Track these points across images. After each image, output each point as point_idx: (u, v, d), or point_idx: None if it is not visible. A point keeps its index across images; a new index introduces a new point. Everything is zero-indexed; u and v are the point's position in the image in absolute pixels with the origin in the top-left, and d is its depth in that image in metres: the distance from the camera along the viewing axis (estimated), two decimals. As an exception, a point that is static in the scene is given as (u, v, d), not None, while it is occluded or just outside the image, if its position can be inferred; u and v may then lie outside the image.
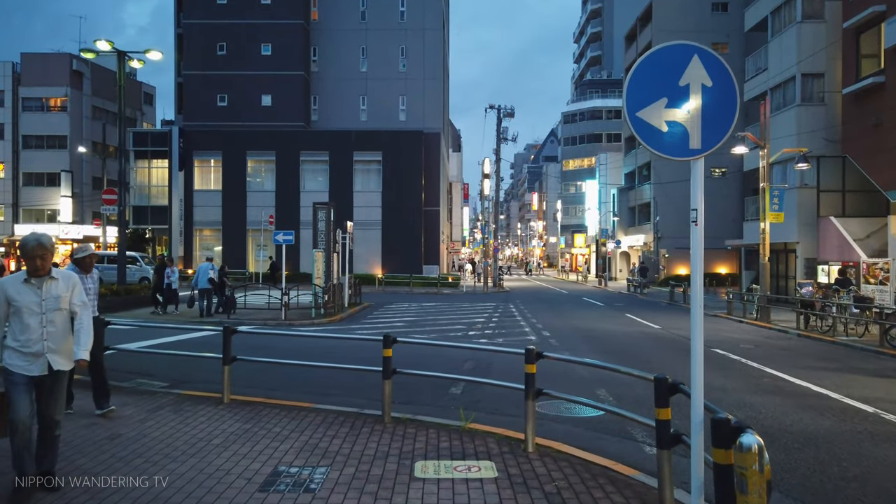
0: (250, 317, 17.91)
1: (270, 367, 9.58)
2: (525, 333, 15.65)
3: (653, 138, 3.76)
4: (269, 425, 6.28)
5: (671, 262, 43.19)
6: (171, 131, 40.29)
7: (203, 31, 42.14)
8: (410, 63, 43.77)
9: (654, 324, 18.79)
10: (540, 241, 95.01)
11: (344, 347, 12.44)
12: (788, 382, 9.66)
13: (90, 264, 6.73)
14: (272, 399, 7.48)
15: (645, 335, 15.94)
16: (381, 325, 17.35)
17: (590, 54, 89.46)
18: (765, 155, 20.09)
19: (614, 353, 12.61)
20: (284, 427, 6.22)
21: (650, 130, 3.75)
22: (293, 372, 9.20)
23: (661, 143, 3.75)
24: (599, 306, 25.91)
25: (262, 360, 7.89)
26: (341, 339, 12.74)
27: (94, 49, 21.53)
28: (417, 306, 24.33)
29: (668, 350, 13.26)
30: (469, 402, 7.83)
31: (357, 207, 39.76)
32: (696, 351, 3.89)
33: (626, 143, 53.83)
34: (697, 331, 3.87)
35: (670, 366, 11.08)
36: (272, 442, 5.71)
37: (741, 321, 20.08)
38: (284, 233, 18.42)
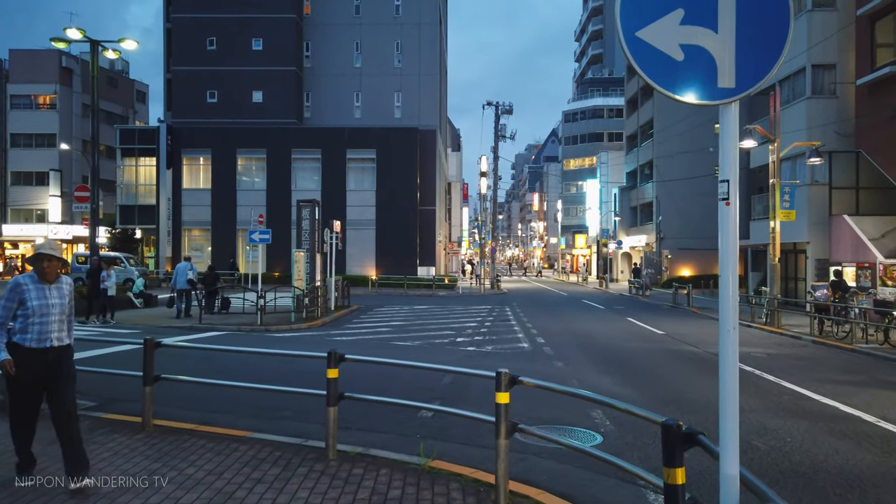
0: (224, 321, 16.73)
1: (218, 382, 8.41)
2: (518, 340, 14.45)
3: (661, 71, 2.51)
4: (183, 464, 5.08)
5: (674, 263, 41.97)
6: (159, 128, 39.11)
7: (192, 25, 41.00)
8: (406, 58, 42.61)
9: (658, 329, 17.57)
10: (541, 241, 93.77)
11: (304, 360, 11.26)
12: (812, 401, 8.45)
13: (49, 272, 4.49)
14: (205, 425, 6.28)
15: (648, 342, 14.73)
16: (365, 330, 16.16)
17: (591, 52, 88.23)
18: (775, 149, 18.87)
19: (614, 363, 11.40)
20: (202, 467, 5.02)
21: (657, 59, 2.51)
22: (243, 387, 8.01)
23: (673, 79, 2.51)
24: (599, 309, 24.69)
25: (188, 379, 6.62)
26: (283, 355, 11.55)
27: (66, 38, 20.32)
28: (408, 309, 23.15)
29: (673, 360, 12.05)
30: (440, 427, 6.64)
31: (350, 206, 38.59)
32: (727, 391, 2.64)
33: (628, 142, 52.62)
34: (730, 359, 2.63)
35: (677, 381, 9.87)
36: (176, 490, 4.51)
37: (749, 326, 18.86)
38: (261, 231, 17.24)
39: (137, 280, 21.37)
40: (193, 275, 18.29)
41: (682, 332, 16.73)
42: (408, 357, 11.57)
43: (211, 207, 38.93)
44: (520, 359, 11.68)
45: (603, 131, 75.05)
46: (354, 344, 13.39)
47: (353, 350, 12.44)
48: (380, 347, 12.90)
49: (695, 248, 42.04)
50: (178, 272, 18.04)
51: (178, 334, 14.35)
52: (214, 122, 40.21)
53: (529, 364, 11.07)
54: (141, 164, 39.83)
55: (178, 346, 5.97)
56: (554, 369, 10.53)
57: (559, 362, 11.28)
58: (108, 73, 56.17)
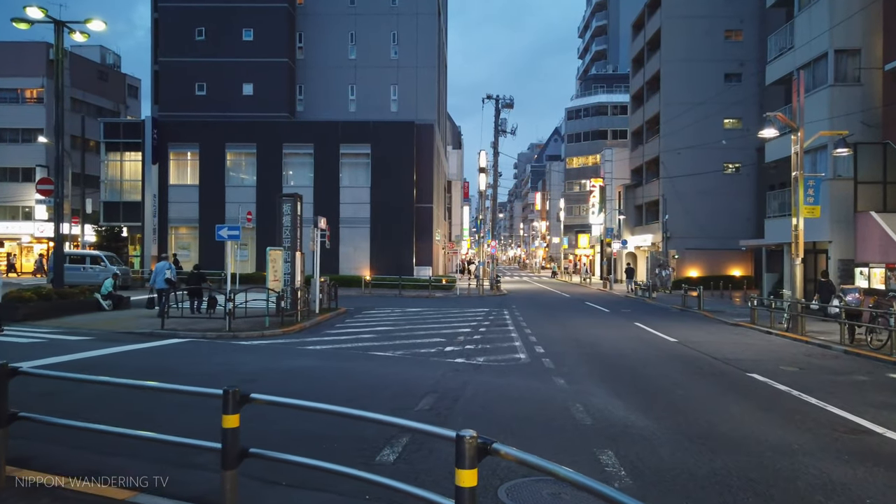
0: (189, 327, 15.13)
1: (111, 399, 6.82)
2: (514, 350, 12.82)
3: None
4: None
5: (681, 264, 40.27)
6: (144, 121, 37.52)
7: (180, 14, 39.38)
8: (403, 50, 40.96)
9: (669, 336, 15.93)
10: (543, 241, 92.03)
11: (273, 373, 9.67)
12: (875, 435, 6.79)
13: None
14: (78, 479, 4.66)
15: (660, 351, 13.09)
16: (345, 337, 14.54)
17: (595, 48, 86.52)
18: (798, 139, 17.21)
19: (624, 380, 9.77)
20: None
21: None
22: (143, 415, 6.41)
23: None
24: (604, 313, 23.06)
25: (52, 421, 4.86)
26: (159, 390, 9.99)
27: (27, 18, 18.79)
28: (400, 312, 21.56)
29: (692, 375, 10.41)
30: (404, 476, 5.02)
31: (344, 204, 37.00)
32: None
33: (633, 138, 50.94)
34: None
35: (702, 405, 8.24)
36: None
37: (769, 332, 17.22)
38: (229, 227, 15.62)
39: (106, 281, 19.81)
40: (171, 274, 17.61)
41: (696, 340, 15.09)
42: (386, 371, 9.98)
43: (199, 204, 37.34)
44: (515, 373, 10.07)
45: (607, 129, 73.40)
46: (326, 355, 11.78)
47: (324, 361, 10.83)
48: (354, 359, 11.29)
49: (703, 247, 40.38)
50: (157, 272, 17.54)
51: (129, 342, 12.76)
52: (203, 115, 38.59)
53: (525, 380, 9.46)
54: (126, 160, 38.22)
55: (32, 373, 4.35)
56: (554, 388, 8.91)
57: (560, 378, 9.66)
58: (99, 67, 54.70)
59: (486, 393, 8.40)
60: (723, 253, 40.47)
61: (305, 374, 9.57)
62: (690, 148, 40.26)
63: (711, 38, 41.14)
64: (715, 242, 40.24)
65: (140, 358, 10.86)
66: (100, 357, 10.69)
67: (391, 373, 9.80)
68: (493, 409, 7.50)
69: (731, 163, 41.18)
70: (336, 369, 10.06)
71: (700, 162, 40.05)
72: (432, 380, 9.22)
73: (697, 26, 41.20)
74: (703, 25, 41.20)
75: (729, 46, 41.21)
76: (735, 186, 40.75)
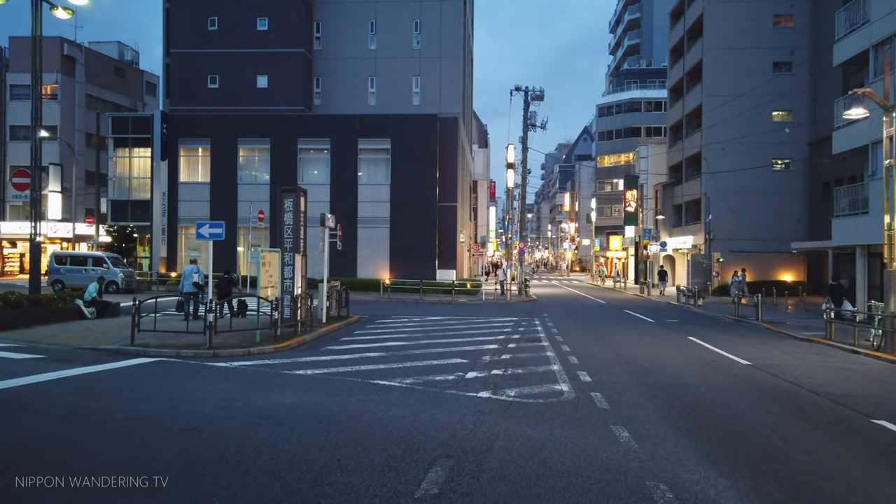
0: (165, 342, 12.83)
1: None
2: (552, 377, 10.24)
3: None
4: None
5: (725, 268, 37.17)
6: (153, 116, 35.68)
7: (192, 4, 37.53)
8: (425, 40, 38.57)
9: (737, 356, 13.21)
10: (572, 243, 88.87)
11: (232, 417, 7.22)
12: None
13: None
14: None
15: (736, 380, 10.39)
16: (348, 356, 12.09)
17: (627, 43, 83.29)
18: (892, 120, 14.35)
19: (710, 431, 7.12)
20: None
21: None
22: None
23: None
24: (649, 323, 20.34)
25: None
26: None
27: (2, -8, 16.76)
28: (418, 321, 19.14)
29: (801, 423, 7.73)
30: None
31: (362, 203, 34.76)
32: None
33: (671, 133, 47.87)
34: None
35: (845, 481, 5.59)
36: None
37: (856, 351, 14.38)
38: (211, 224, 13.29)
39: (90, 285, 17.69)
40: (199, 278, 16.88)
41: (775, 364, 12.35)
42: (387, 414, 7.49)
43: (210, 203, 35.39)
44: (558, 419, 7.47)
45: (640, 125, 70.28)
46: (315, 385, 9.33)
47: (308, 395, 7.78)
48: (349, 392, 8.81)
49: (750, 250, 37.25)
50: (185, 275, 17.20)
51: (84, 363, 10.45)
52: (215, 109, 36.69)
53: (574, 431, 6.88)
54: (135, 156, 36.45)
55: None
56: (617, 449, 6.32)
57: (622, 429, 7.06)
58: (116, 63, 53.33)
59: (520, 460, 5.86)
60: (771, 256, 37.30)
61: (275, 418, 7.12)
62: (735, 142, 37.21)
63: (758, 24, 38.02)
64: (764, 245, 37.11)
65: (76, 389, 8.54)
66: (26, 387, 8.40)
67: (392, 418, 7.31)
68: (532, 495, 4.97)
69: (781, 159, 38.00)
70: (320, 411, 7.59)
71: (745, 158, 36.99)
72: (447, 431, 6.71)
73: (743, 11, 38.11)
74: (750, 10, 38.08)
75: (778, 33, 38.04)
76: (784, 184, 37.57)
